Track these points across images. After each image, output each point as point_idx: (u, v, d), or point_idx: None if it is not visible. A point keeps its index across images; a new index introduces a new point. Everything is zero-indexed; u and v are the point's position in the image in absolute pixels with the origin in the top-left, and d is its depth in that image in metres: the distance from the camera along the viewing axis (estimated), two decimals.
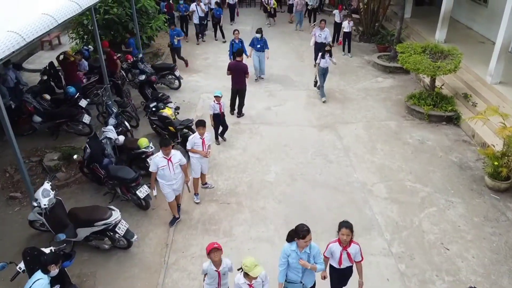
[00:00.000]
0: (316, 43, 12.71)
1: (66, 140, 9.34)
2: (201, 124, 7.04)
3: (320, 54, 10.92)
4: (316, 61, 11.01)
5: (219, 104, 8.61)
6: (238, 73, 9.90)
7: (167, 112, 8.49)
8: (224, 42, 15.70)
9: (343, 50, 14.51)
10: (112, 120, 8.07)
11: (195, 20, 15.57)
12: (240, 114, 10.41)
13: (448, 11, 12.64)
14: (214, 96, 8.60)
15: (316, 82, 11.37)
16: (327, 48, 10.99)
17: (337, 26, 14.88)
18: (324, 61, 10.88)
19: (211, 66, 13.85)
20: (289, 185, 7.77)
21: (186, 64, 13.47)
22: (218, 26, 16.04)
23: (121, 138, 7.98)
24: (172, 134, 8.44)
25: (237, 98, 10.28)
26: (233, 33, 11.96)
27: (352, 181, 7.90)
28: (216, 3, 16.01)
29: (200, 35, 16.06)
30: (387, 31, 14.89)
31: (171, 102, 9.34)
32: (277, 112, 10.68)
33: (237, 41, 11.80)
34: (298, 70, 13.48)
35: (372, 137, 9.43)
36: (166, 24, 13.78)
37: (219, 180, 7.95)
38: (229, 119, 10.27)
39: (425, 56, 9.96)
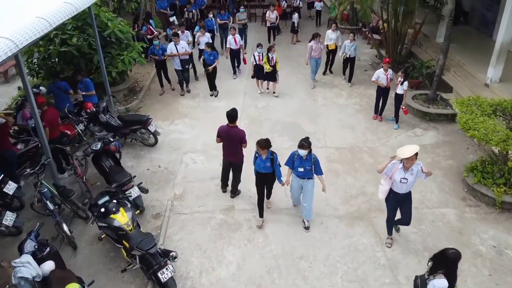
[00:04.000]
0: (393, 194, 6.00)
1: None
2: None
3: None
4: None
5: None
6: (231, 142, 7.00)
7: (120, 219, 5.54)
8: (212, 95, 11.46)
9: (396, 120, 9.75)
10: (30, 244, 5.13)
11: (176, 65, 11.14)
12: (234, 193, 7.50)
13: (507, 43, 9.71)
14: None
15: None
16: (439, 276, 4.33)
17: (383, 90, 9.64)
18: None
19: (200, 108, 10.94)
20: None
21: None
22: (209, 76, 11.30)
23: (47, 267, 5.10)
24: (129, 251, 5.53)
25: (231, 172, 7.39)
26: (256, 145, 6.43)
27: None
28: (208, 44, 11.22)
29: (184, 84, 11.63)
30: (421, 61, 11.96)
31: (130, 195, 6.42)
32: (287, 189, 7.75)
33: (264, 156, 6.39)
34: (310, 113, 10.57)
35: (426, 240, 6.51)
36: (143, 55, 10.81)
37: None
38: (220, 202, 7.43)
39: (497, 119, 7.07)
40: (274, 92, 11.42)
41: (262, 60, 10.87)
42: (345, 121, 10.14)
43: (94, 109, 8.59)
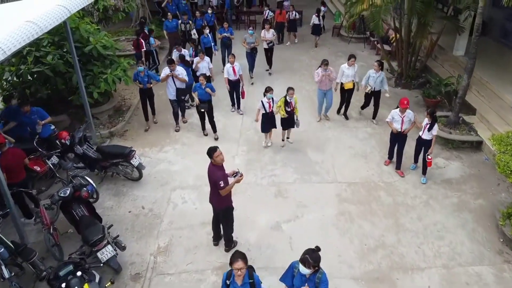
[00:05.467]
0: None
1: None
2: None
3: None
4: None
5: None
6: (210, 183, 5.85)
7: None
8: (217, 139, 9.33)
9: (423, 173, 7.84)
10: None
11: (170, 94, 9.30)
12: (229, 246, 6.32)
13: None
14: None
15: None
16: None
17: (398, 135, 7.89)
18: None
19: (194, 131, 9.76)
20: None
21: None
22: (205, 114, 9.19)
23: None
24: None
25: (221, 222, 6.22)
26: (233, 263, 4.20)
27: None
28: (204, 76, 8.97)
29: (180, 115, 9.83)
30: (439, 78, 10.78)
31: (100, 260, 5.26)
32: (292, 237, 6.59)
33: (240, 281, 4.23)
34: (316, 138, 9.39)
35: None
36: (126, 75, 9.55)
37: None
38: (212, 257, 6.33)
39: None
40: (288, 138, 9.12)
41: (273, 107, 8.46)
42: (357, 148, 8.98)
43: (67, 141, 7.43)
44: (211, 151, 5.63)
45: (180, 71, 9.20)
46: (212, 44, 12.27)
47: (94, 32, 9.57)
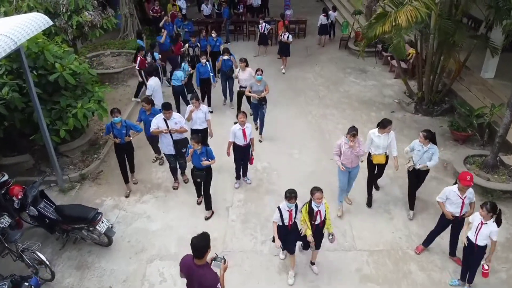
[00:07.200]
0: None
1: None
2: None
3: None
4: None
5: None
6: (191, 283, 4.24)
7: None
8: (207, 218, 7.09)
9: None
10: None
11: (165, 148, 7.36)
12: None
13: None
14: None
15: None
16: None
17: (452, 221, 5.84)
18: None
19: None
20: None
21: None
22: (200, 184, 7.07)
23: None
24: None
25: None
26: None
27: None
28: (195, 139, 6.40)
29: (179, 171, 7.91)
30: (469, 109, 9.22)
31: None
32: None
33: None
34: (328, 181, 7.59)
35: None
36: (101, 107, 8.03)
37: None
38: None
39: None
40: (313, 263, 6.05)
41: (295, 217, 5.54)
42: (377, 198, 7.44)
43: (17, 202, 5.92)
44: (206, 242, 3.99)
45: (178, 119, 7.17)
46: (211, 74, 9.85)
47: (64, 56, 8.03)
